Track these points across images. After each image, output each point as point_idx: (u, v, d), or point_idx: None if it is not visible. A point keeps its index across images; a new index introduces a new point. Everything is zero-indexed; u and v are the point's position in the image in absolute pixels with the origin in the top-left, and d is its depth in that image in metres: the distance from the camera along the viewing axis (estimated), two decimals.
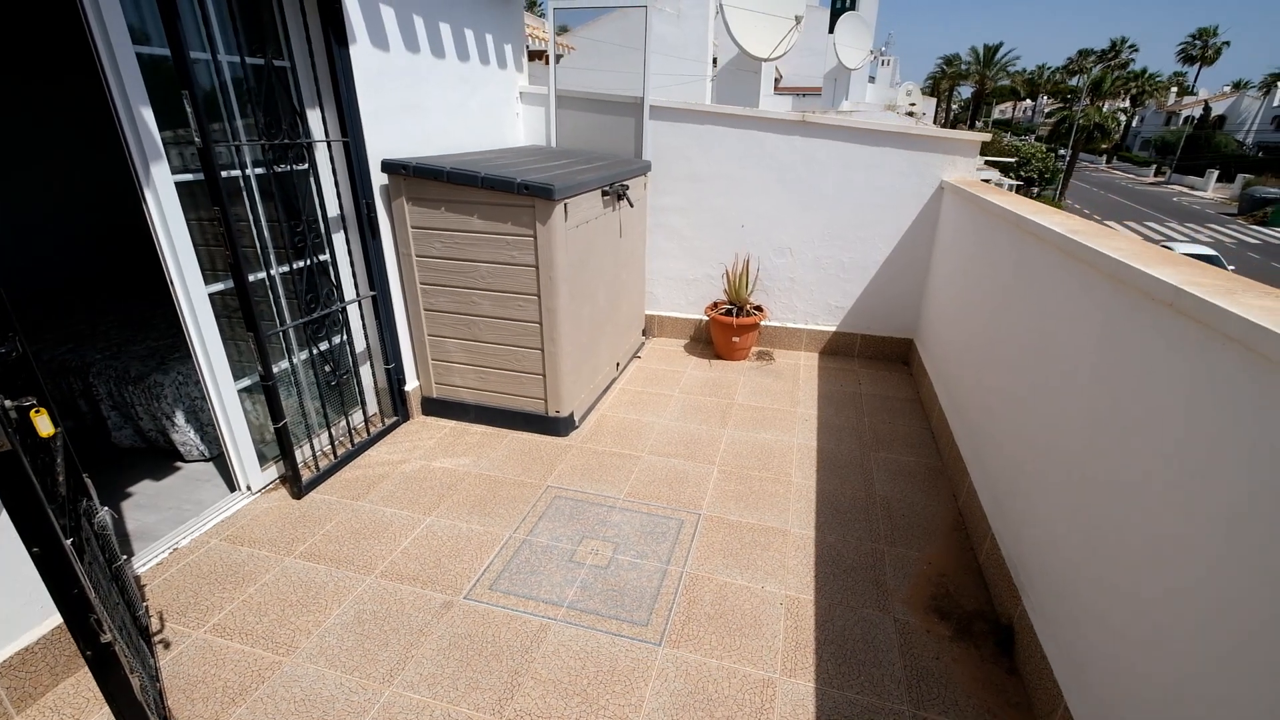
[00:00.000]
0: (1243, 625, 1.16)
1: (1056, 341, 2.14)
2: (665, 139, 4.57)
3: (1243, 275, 4.87)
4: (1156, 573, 1.44)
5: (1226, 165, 44.18)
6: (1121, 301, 1.70)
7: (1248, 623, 1.15)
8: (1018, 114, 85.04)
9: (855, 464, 3.31)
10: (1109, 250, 1.80)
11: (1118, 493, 1.64)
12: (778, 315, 4.78)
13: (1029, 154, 29.27)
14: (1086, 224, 2.27)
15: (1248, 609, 1.15)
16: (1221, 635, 1.21)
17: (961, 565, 2.60)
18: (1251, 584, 1.15)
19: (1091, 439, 1.81)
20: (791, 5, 8.72)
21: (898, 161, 4.18)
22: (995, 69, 55.47)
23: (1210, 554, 1.26)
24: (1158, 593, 1.43)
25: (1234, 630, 1.18)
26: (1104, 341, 1.79)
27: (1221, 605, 1.22)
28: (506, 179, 3.00)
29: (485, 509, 2.87)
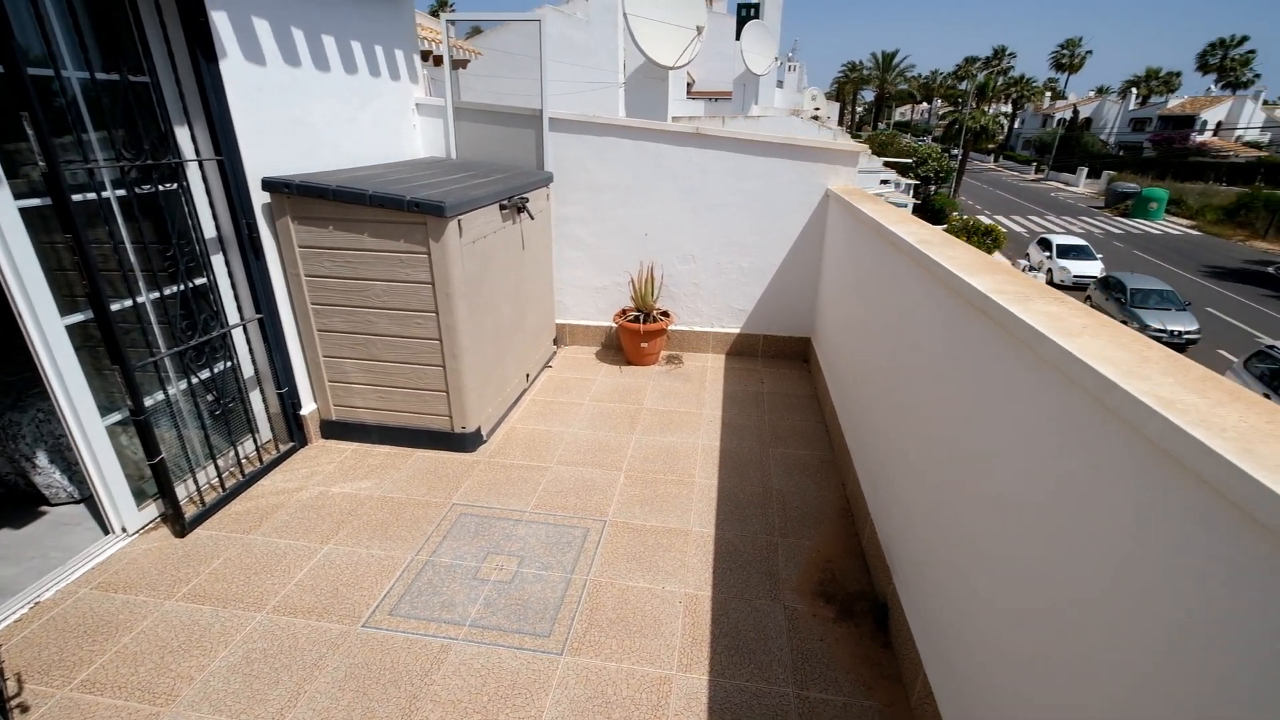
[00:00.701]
0: (1062, 597, 1.35)
1: (911, 339, 2.36)
2: (566, 150, 4.62)
3: (1109, 261, 5.43)
4: (992, 549, 1.63)
5: (1094, 163, 49.05)
6: (957, 305, 1.91)
7: (1065, 596, 1.34)
8: (915, 116, 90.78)
9: (755, 461, 3.48)
10: (942, 260, 2.01)
11: (959, 477, 1.84)
12: (684, 319, 4.94)
13: (925, 154, 31.38)
14: (935, 233, 2.51)
15: (1064, 583, 1.34)
16: (1041, 603, 1.40)
17: (847, 550, 2.80)
18: (1061, 559, 1.34)
19: (936, 428, 2.02)
20: (693, 15, 8.98)
21: (786, 171, 4.42)
22: (893, 74, 59.08)
23: (1030, 534, 1.46)
24: (990, 567, 1.62)
25: (1053, 602, 1.37)
26: (946, 341, 2.01)
27: (1039, 575, 1.41)
28: (395, 197, 2.96)
29: (387, 533, 2.82)
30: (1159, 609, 0.98)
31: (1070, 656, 1.21)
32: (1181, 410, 0.97)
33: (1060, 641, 1.24)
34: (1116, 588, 1.09)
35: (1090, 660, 1.15)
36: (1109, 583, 1.10)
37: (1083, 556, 1.18)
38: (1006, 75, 59.56)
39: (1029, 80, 58.56)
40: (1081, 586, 1.19)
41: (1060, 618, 1.25)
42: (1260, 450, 0.85)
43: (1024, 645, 1.39)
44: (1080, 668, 1.17)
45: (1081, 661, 1.17)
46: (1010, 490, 1.49)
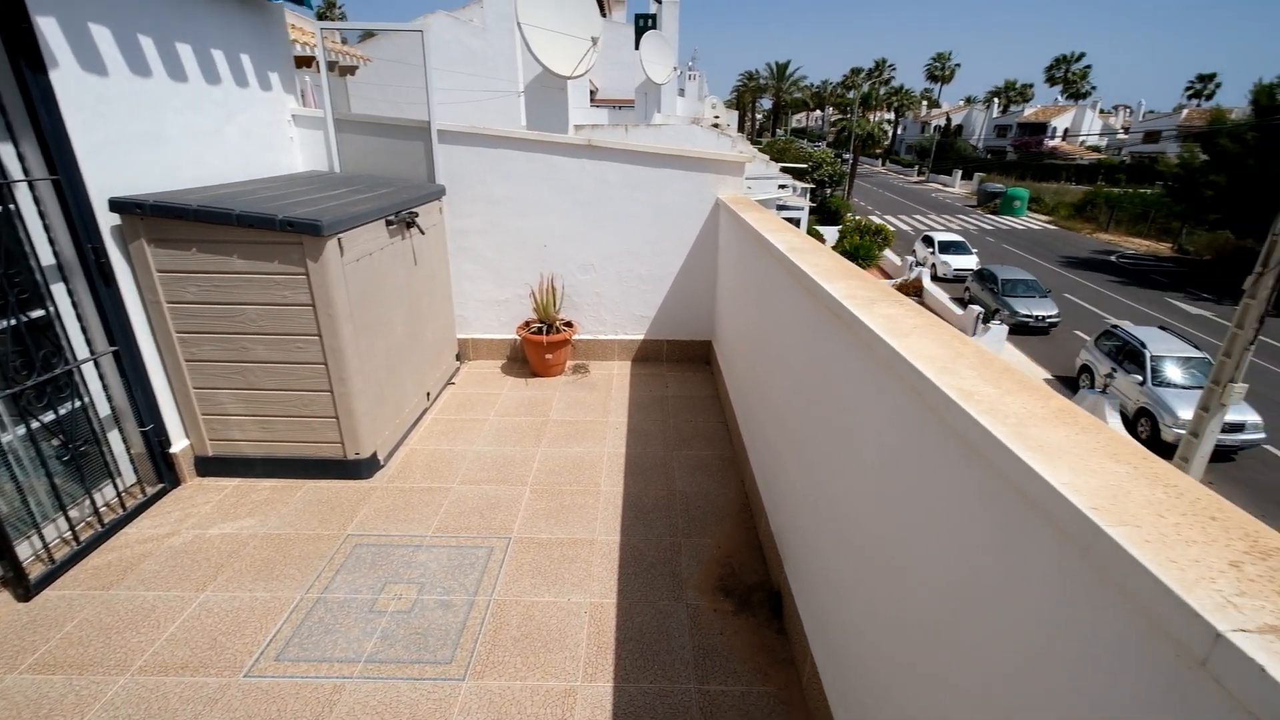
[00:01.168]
0: (908, 570, 1.48)
1: (786, 340, 2.51)
2: (459, 162, 4.54)
3: (983, 255, 5.92)
4: (851, 532, 1.77)
5: (966, 166, 53.84)
6: (817, 308, 2.06)
7: (910, 570, 1.47)
8: (811, 123, 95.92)
9: (660, 465, 3.57)
10: (805, 266, 2.16)
11: (826, 467, 1.98)
12: (589, 328, 4.98)
13: (820, 159, 33.22)
14: (806, 241, 2.69)
15: (907, 557, 1.47)
16: (891, 578, 1.53)
17: (746, 543, 2.93)
18: (902, 537, 1.47)
19: (808, 421, 2.16)
20: (588, 26, 9.06)
21: (679, 181, 4.56)
22: (788, 83, 62.20)
23: (879, 517, 1.59)
24: (852, 550, 1.76)
25: (901, 575, 1.50)
26: (809, 341, 2.15)
27: (888, 553, 1.55)
28: (266, 216, 2.80)
29: (273, 573, 2.65)
30: (967, 573, 1.11)
31: (917, 619, 1.34)
32: (976, 400, 1.11)
33: (908, 607, 1.37)
34: (938, 557, 1.22)
35: (931, 621, 1.28)
36: (936, 551, 1.24)
37: (917, 533, 1.32)
38: (888, 85, 64.30)
39: (907, 90, 63.52)
40: (917, 559, 1.32)
41: (904, 585, 1.38)
42: (1030, 432, 0.99)
43: (880, 615, 1.52)
44: (925, 630, 1.30)
45: (926, 625, 1.30)
46: (863, 479, 1.63)
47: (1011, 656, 0.97)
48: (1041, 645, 0.90)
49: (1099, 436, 0.98)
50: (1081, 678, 0.81)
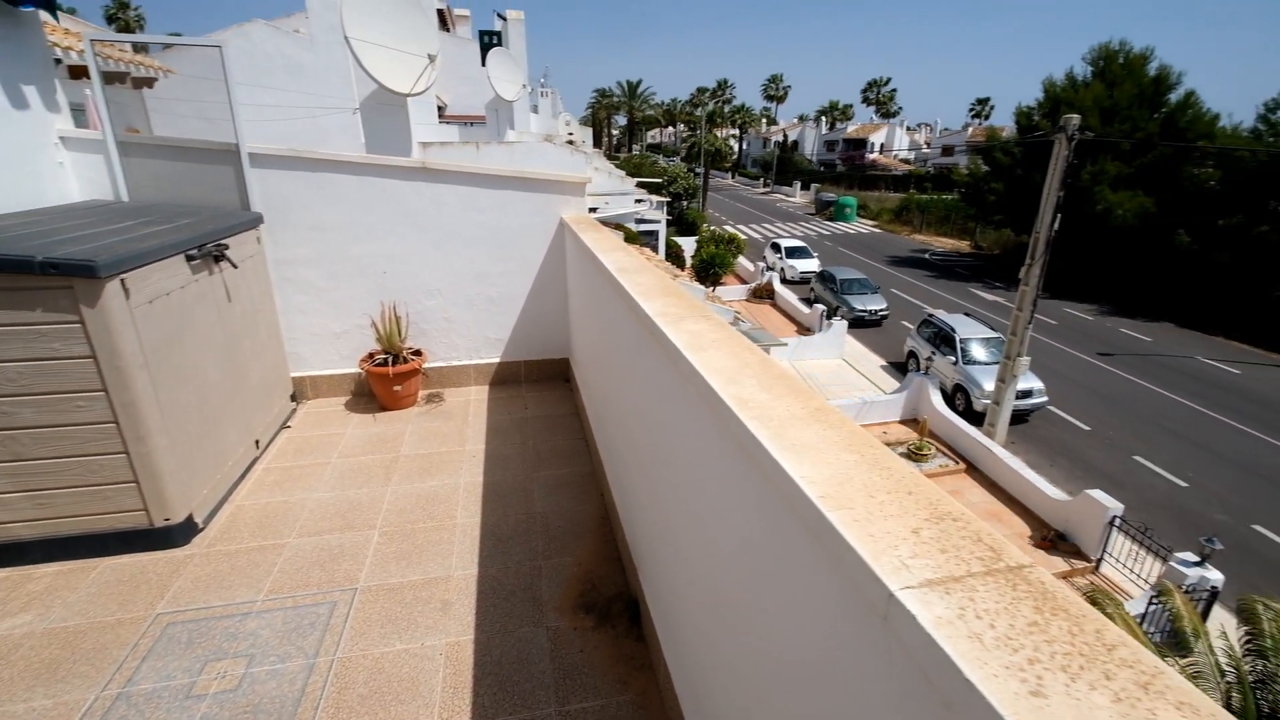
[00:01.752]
0: (716, 558, 1.59)
1: (622, 355, 2.61)
2: (280, 187, 4.19)
3: (823, 258, 6.52)
4: (675, 534, 1.88)
5: (804, 177, 59.16)
6: (638, 325, 2.17)
7: (715, 556, 1.58)
8: (665, 139, 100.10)
9: (519, 489, 3.53)
10: (629, 285, 2.27)
11: (658, 473, 2.09)
12: (441, 355, 4.81)
13: (675, 174, 34.78)
14: (634, 260, 2.82)
15: (715, 548, 1.58)
16: (705, 565, 1.64)
17: (606, 556, 2.99)
18: (712, 536, 1.58)
19: (642, 431, 2.27)
20: (425, 43, 8.79)
21: (521, 202, 4.57)
22: (639, 101, 64.54)
23: (697, 520, 1.70)
24: (679, 550, 1.86)
25: (710, 561, 1.61)
26: (635, 356, 2.26)
27: (701, 547, 1.66)
28: (20, 258, 2.40)
29: (57, 675, 2.26)
30: (755, 562, 1.24)
31: (729, 607, 1.45)
32: (750, 407, 1.24)
33: (720, 596, 1.49)
34: (737, 551, 1.34)
35: (737, 606, 1.40)
36: (735, 545, 1.36)
37: (721, 530, 1.44)
38: (730, 104, 69.05)
39: (748, 109, 68.68)
40: (723, 554, 1.44)
41: (713, 577, 1.50)
42: (788, 433, 1.13)
43: (703, 607, 1.63)
44: (735, 616, 1.42)
45: (735, 610, 1.42)
46: (679, 484, 1.75)
47: (791, 630, 1.10)
48: (807, 618, 1.02)
49: (841, 431, 1.14)
50: (828, 639, 0.94)
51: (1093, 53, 25.45)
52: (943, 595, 0.72)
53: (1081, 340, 19.69)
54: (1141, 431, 13.83)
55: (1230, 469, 12.34)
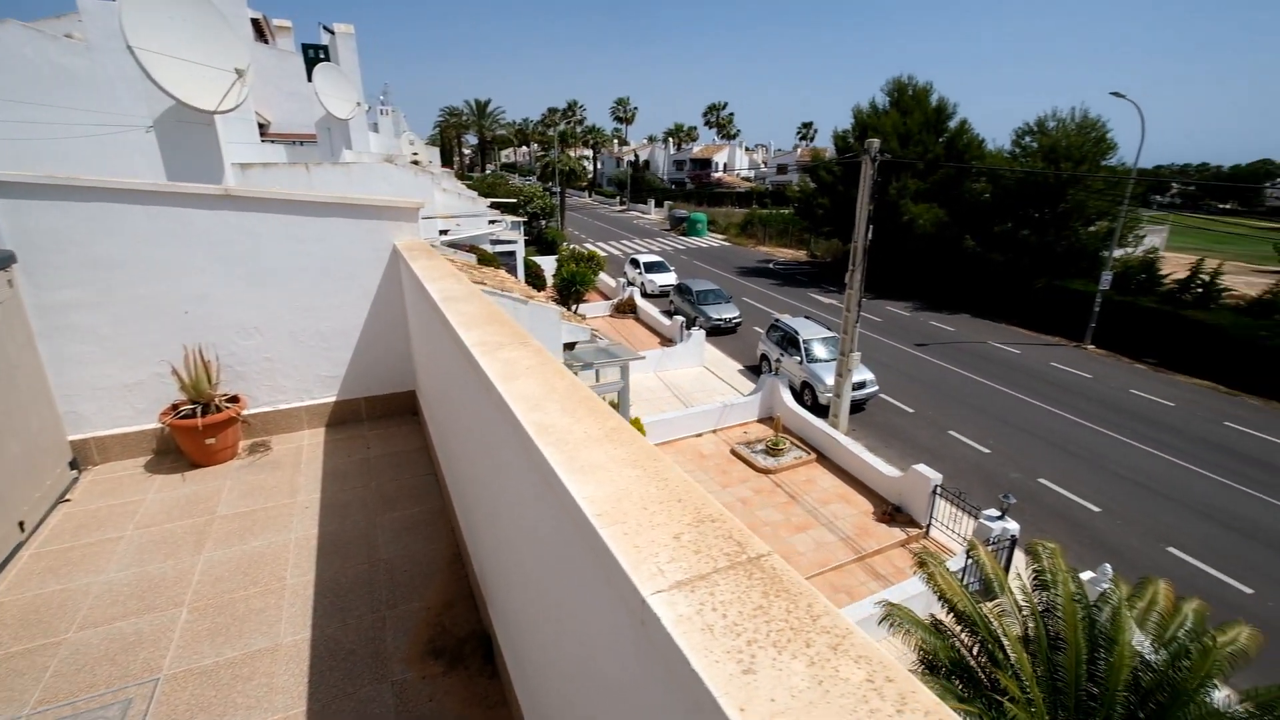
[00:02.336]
0: (534, 581, 1.59)
1: (455, 383, 2.55)
2: (41, 220, 3.58)
3: (680, 271, 6.80)
4: (510, 561, 1.86)
5: (657, 195, 61.74)
6: (460, 354, 2.13)
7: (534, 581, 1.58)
8: (520, 158, 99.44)
9: (360, 537, 3.29)
10: (450, 315, 2.23)
11: (494, 502, 2.06)
12: (265, 399, 4.36)
13: (531, 194, 34.62)
14: (462, 288, 2.77)
15: (534, 570, 1.58)
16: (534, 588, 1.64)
17: (458, 595, 2.88)
18: (533, 555, 1.58)
19: (481, 461, 2.23)
20: (231, 56, 7.99)
21: (349, 229, 4.30)
22: (490, 120, 63.60)
23: (526, 542, 1.70)
24: (514, 578, 1.85)
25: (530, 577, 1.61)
26: (463, 384, 2.22)
27: (528, 573, 1.65)
28: None
29: None
30: (559, 581, 1.27)
31: (553, 625, 1.47)
32: (550, 431, 1.28)
33: (546, 615, 1.50)
34: (549, 574, 1.37)
35: (558, 630, 1.41)
36: (548, 569, 1.38)
37: (538, 551, 1.46)
38: (582, 125, 70.35)
39: (600, 129, 70.39)
40: (543, 579, 1.46)
41: (539, 599, 1.51)
42: (581, 454, 1.18)
43: (539, 631, 1.63)
44: (558, 634, 1.44)
45: (558, 630, 1.43)
46: (507, 511, 1.75)
47: (598, 644, 1.13)
48: (604, 631, 1.07)
49: (630, 448, 1.22)
50: (617, 650, 0.99)
51: (889, 85, 29.38)
52: (688, 594, 0.80)
53: (902, 333, 22.45)
54: (952, 409, 16.02)
55: (1020, 434, 14.69)
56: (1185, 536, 10.84)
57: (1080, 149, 23.63)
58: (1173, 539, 10.77)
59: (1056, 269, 23.68)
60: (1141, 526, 11.17)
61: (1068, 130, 24.21)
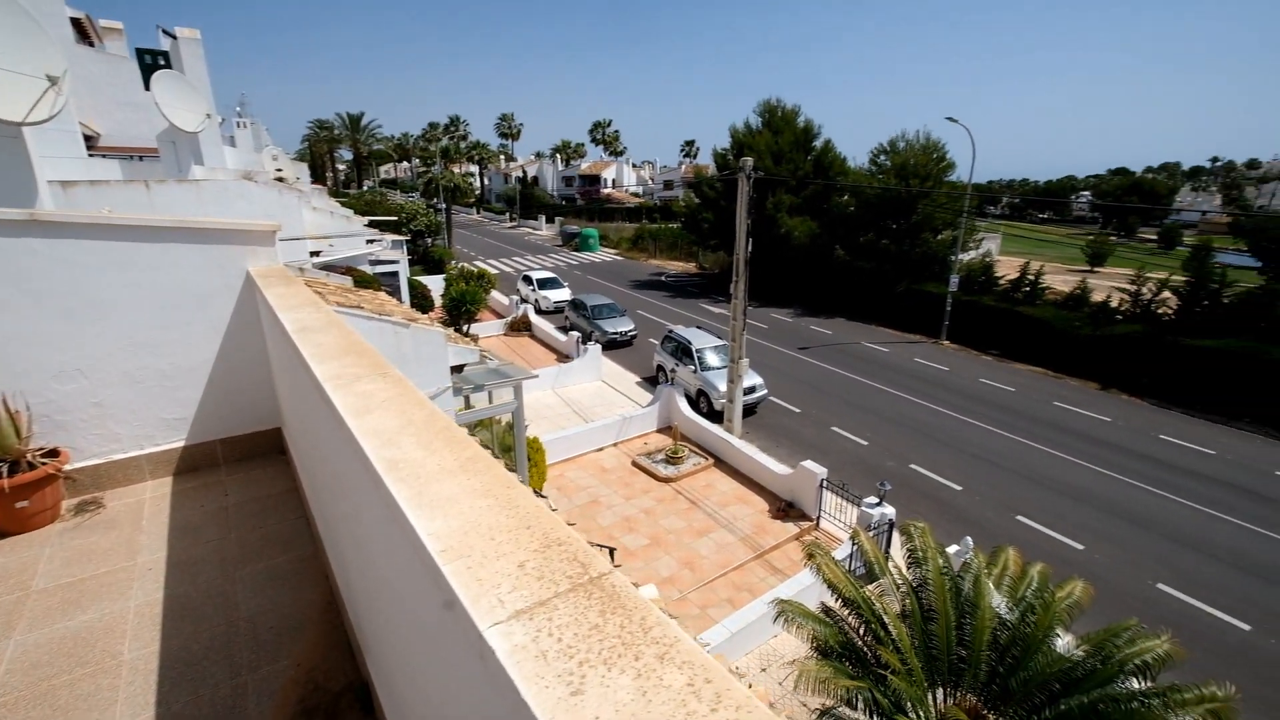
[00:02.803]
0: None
1: (314, 418, 2.39)
2: None
3: (574, 286, 6.77)
4: (391, 595, 1.76)
5: (548, 211, 61.49)
6: (313, 387, 2.00)
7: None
8: (401, 174, 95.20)
9: (216, 595, 2.97)
10: (304, 346, 2.09)
11: (360, 537, 1.94)
12: (95, 450, 3.83)
13: (414, 211, 33.19)
14: (320, 317, 2.61)
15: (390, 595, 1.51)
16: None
17: (333, 645, 2.67)
18: (393, 589, 1.50)
19: (342, 494, 2.09)
20: (42, 59, 7.02)
21: (193, 256, 3.91)
22: (365, 134, 60.41)
23: (389, 583, 1.61)
24: (391, 616, 1.75)
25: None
26: (319, 419, 2.09)
27: (391, 612, 1.57)
28: None
29: None
30: (414, 616, 1.22)
31: (419, 665, 1.41)
32: (401, 466, 1.23)
33: (415, 656, 1.44)
34: (406, 612, 1.31)
35: (431, 674, 1.36)
36: (405, 610, 1.33)
37: (397, 590, 1.39)
38: (466, 140, 68.70)
39: (485, 145, 69.10)
40: (402, 618, 1.40)
41: (408, 640, 1.45)
42: (431, 489, 1.15)
43: (409, 672, 1.56)
44: (429, 673, 1.38)
45: (431, 675, 1.38)
46: (369, 549, 1.66)
47: (459, 685, 1.10)
48: (461, 672, 1.04)
49: (484, 478, 1.20)
50: (469, 688, 0.97)
51: (760, 106, 31.35)
52: (526, 622, 0.80)
53: (786, 338, 23.85)
54: (834, 407, 17.22)
55: (893, 426, 16.05)
56: (1030, 505, 12.34)
57: (925, 167, 26.48)
58: (1020, 508, 12.22)
59: (915, 274, 26.27)
60: (995, 500, 12.56)
61: (915, 150, 27.05)
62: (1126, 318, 20.27)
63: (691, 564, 10.30)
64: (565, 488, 12.57)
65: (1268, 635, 9.02)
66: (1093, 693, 5.36)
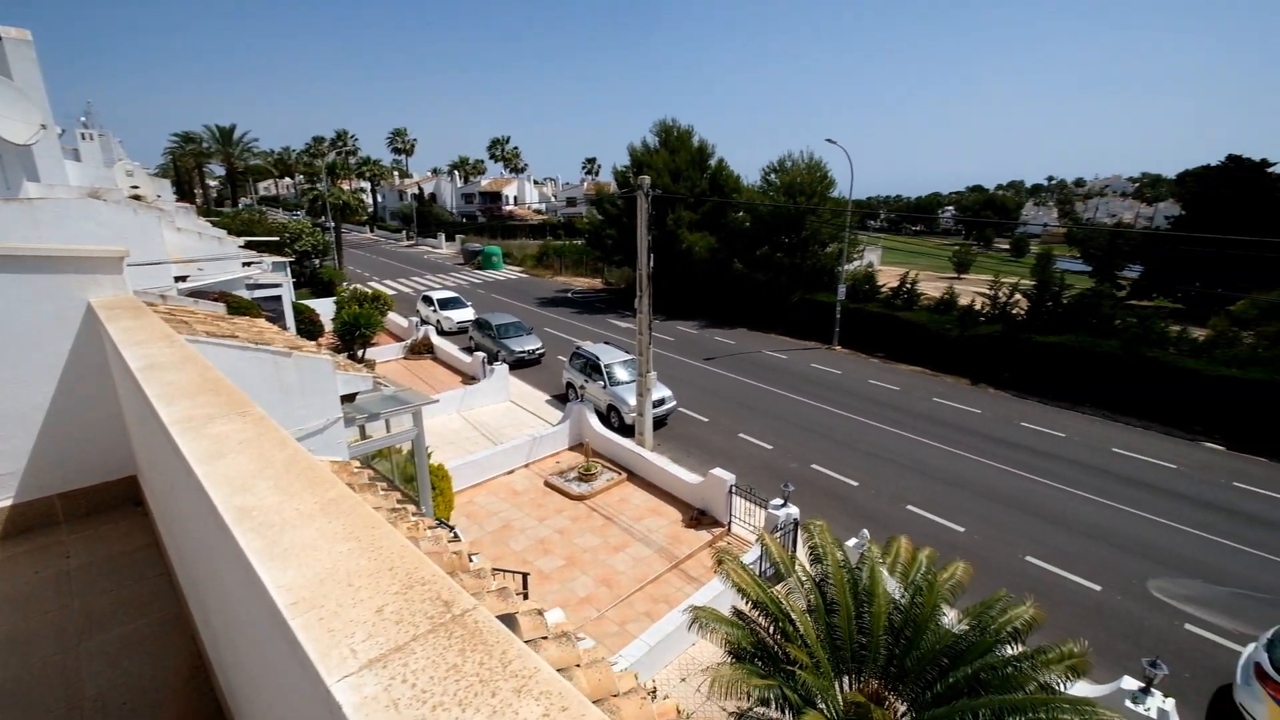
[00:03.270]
0: None
1: (165, 460, 2.17)
2: None
3: (478, 305, 6.54)
4: (255, 654, 1.62)
5: (447, 229, 59.67)
6: (161, 430, 1.82)
7: None
8: (283, 191, 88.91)
9: (54, 675, 2.59)
10: (148, 385, 1.90)
11: (224, 595, 1.77)
12: None
13: (299, 230, 31.03)
14: (175, 353, 2.38)
15: None
16: None
17: (203, 714, 2.40)
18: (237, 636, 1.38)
19: (203, 547, 1.91)
20: None
21: (16, 288, 3.42)
22: (239, 148, 55.88)
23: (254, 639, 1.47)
24: (261, 678, 1.61)
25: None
26: (175, 466, 1.90)
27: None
28: None
29: None
30: (273, 674, 1.14)
31: None
32: (253, 515, 1.15)
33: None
34: (268, 675, 1.22)
35: None
36: (265, 669, 1.23)
37: (258, 649, 1.29)
38: (355, 155, 65.35)
39: (377, 161, 65.97)
40: (266, 674, 1.29)
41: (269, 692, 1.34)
42: (286, 537, 1.08)
43: None
44: None
45: None
46: (232, 601, 1.52)
47: None
48: None
49: (348, 520, 1.14)
50: None
51: (657, 126, 32.29)
52: (379, 671, 0.77)
53: (692, 350, 24.50)
54: (740, 414, 17.85)
55: (794, 429, 16.87)
56: (918, 495, 13.37)
57: (811, 185, 28.34)
58: (910, 499, 13.21)
59: (808, 284, 27.93)
60: (888, 492, 13.51)
61: (800, 169, 28.89)
62: (988, 319, 22.61)
63: (609, 581, 10.24)
64: (475, 514, 12.14)
65: (1114, 593, 10.29)
66: (975, 663, 5.86)
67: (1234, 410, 16.65)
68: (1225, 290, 28.83)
